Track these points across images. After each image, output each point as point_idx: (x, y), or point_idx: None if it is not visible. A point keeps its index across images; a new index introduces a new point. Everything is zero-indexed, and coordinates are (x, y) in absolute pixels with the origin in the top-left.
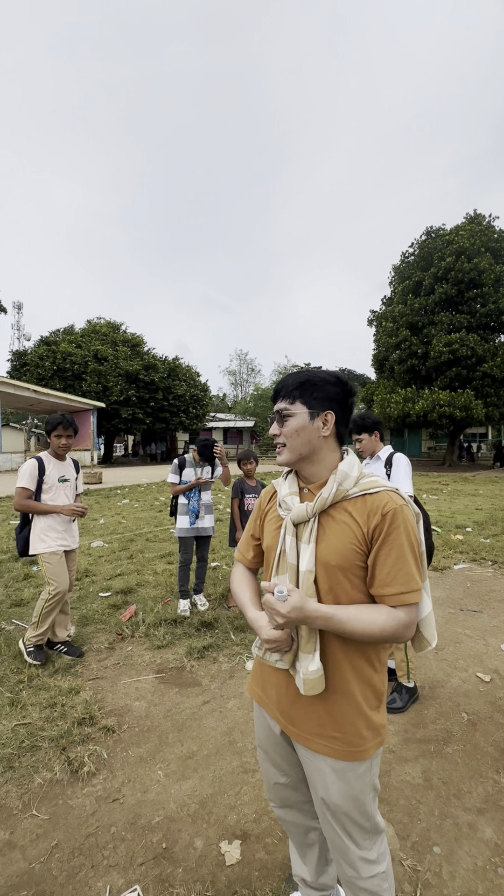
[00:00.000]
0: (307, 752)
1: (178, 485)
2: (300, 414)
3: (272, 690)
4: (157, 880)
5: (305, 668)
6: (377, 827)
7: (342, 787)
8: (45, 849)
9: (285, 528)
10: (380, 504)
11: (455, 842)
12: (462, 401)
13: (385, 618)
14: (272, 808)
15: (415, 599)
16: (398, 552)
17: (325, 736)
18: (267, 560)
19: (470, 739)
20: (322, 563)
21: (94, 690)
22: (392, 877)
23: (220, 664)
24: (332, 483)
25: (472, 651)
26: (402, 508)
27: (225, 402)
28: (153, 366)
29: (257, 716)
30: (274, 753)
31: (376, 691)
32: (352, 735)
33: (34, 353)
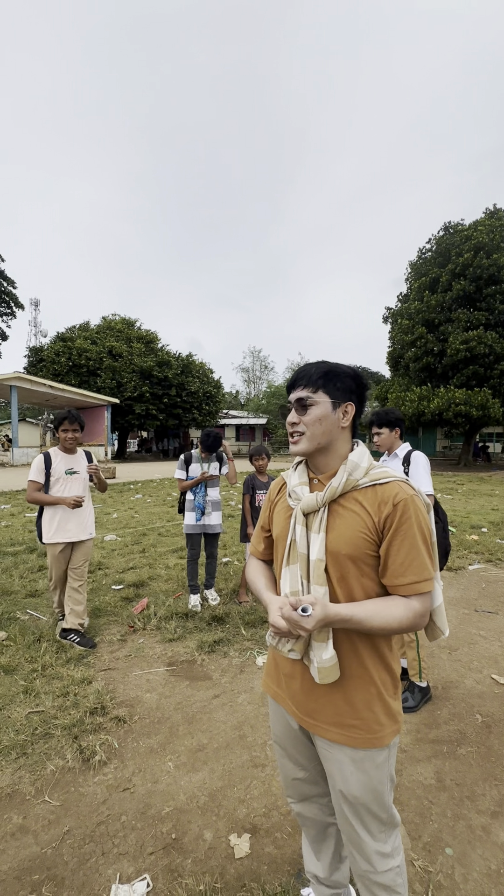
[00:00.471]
0: (325, 744)
1: (185, 480)
2: (323, 403)
3: (287, 684)
4: (167, 870)
5: (319, 656)
6: (393, 819)
7: (361, 778)
8: (56, 834)
9: (295, 517)
10: (391, 494)
11: (468, 844)
12: (479, 399)
13: (402, 610)
14: (290, 804)
15: (428, 588)
16: (411, 542)
17: (344, 725)
18: (277, 550)
19: (484, 742)
20: (332, 552)
21: (106, 681)
22: (405, 872)
23: (230, 659)
24: (342, 473)
25: (487, 652)
26: (413, 498)
27: (238, 399)
28: (167, 362)
29: (273, 712)
30: (292, 749)
31: (393, 675)
32: (370, 722)
33: (50, 349)
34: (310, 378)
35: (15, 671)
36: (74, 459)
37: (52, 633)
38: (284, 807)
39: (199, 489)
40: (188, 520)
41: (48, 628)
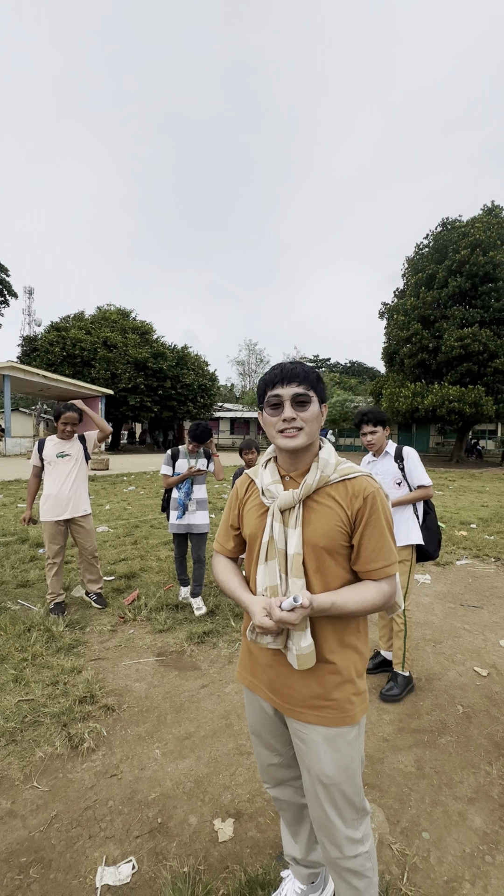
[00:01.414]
0: (300, 726)
1: (171, 477)
2: (315, 401)
3: (262, 673)
4: (152, 853)
5: (298, 644)
6: (364, 806)
7: (335, 756)
8: (44, 819)
9: (272, 515)
10: (360, 488)
11: (444, 829)
12: (472, 396)
13: (374, 593)
14: (266, 790)
15: (395, 571)
16: (380, 531)
17: (318, 706)
18: (250, 548)
19: (464, 731)
20: (309, 545)
21: (96, 670)
22: (375, 857)
23: (219, 650)
24: (315, 470)
25: (471, 646)
26: (379, 491)
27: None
28: (162, 354)
29: (248, 702)
30: (267, 735)
31: (361, 658)
32: (342, 702)
33: (44, 339)
34: (306, 376)
35: (5, 660)
36: (67, 443)
37: (43, 622)
38: (268, 793)
39: (184, 485)
40: (172, 518)
41: (39, 618)
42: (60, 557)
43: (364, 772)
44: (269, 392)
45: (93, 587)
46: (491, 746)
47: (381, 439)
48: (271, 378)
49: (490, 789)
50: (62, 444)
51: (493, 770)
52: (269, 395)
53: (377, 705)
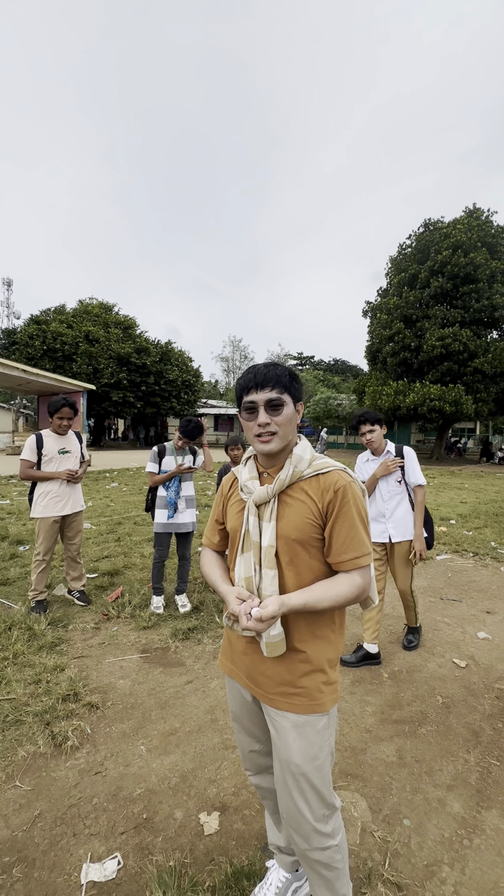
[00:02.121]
0: (273, 712)
1: (158, 474)
2: (289, 404)
3: (239, 660)
4: (138, 848)
5: (268, 633)
6: (333, 802)
7: (302, 744)
8: (27, 818)
9: (248, 509)
10: (331, 482)
11: (424, 815)
12: (452, 395)
13: (346, 586)
14: (248, 777)
15: (367, 562)
16: (350, 523)
17: (287, 693)
18: (232, 541)
19: (443, 721)
20: (283, 538)
21: (79, 668)
22: (345, 849)
23: (204, 645)
24: (288, 466)
25: (450, 638)
26: (351, 484)
27: (217, 388)
28: (145, 349)
29: (230, 688)
30: (248, 721)
31: (334, 650)
32: (312, 690)
33: (24, 332)
34: (279, 380)
35: None
36: (66, 440)
37: (24, 620)
38: (251, 783)
39: (172, 483)
40: (159, 518)
41: (20, 616)
42: (50, 555)
43: (347, 762)
44: (245, 398)
45: (76, 585)
46: (469, 735)
47: (379, 437)
48: (245, 383)
49: (468, 776)
50: (62, 440)
51: (471, 757)
52: (245, 401)
53: (360, 697)
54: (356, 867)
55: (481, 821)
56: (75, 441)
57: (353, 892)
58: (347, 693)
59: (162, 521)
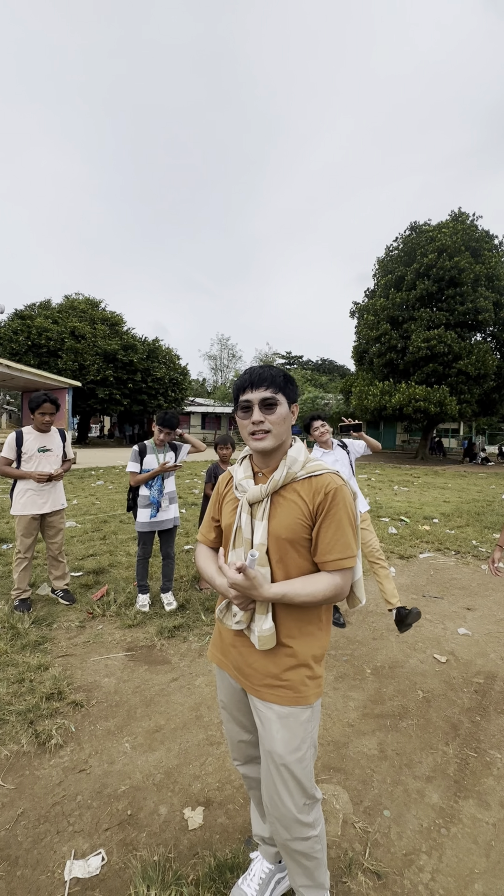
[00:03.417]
0: (259, 703)
1: (139, 474)
2: (283, 404)
3: (229, 652)
4: (122, 844)
5: (260, 626)
6: (315, 794)
7: (285, 736)
8: (10, 817)
9: (241, 507)
10: (323, 484)
11: (404, 806)
12: (437, 396)
13: (325, 584)
14: (236, 767)
15: (351, 564)
16: (337, 525)
17: (273, 685)
18: (225, 537)
19: (424, 715)
20: (273, 537)
21: (64, 667)
22: (324, 840)
23: (189, 643)
24: (282, 467)
25: (432, 634)
26: (342, 488)
27: (204, 386)
28: (132, 346)
29: (219, 679)
30: (236, 711)
31: (320, 645)
32: (296, 683)
33: (7, 327)
34: (273, 380)
35: None
36: (48, 438)
37: (8, 619)
38: (237, 780)
39: (155, 482)
40: (141, 517)
41: (3, 615)
42: (31, 552)
43: (330, 755)
44: (241, 397)
45: (59, 584)
46: (448, 728)
47: (327, 433)
48: (242, 383)
49: (447, 768)
50: (43, 438)
51: (450, 750)
52: (241, 400)
53: (343, 693)
54: (337, 857)
55: (458, 810)
56: (57, 439)
57: (334, 881)
58: (331, 689)
59: (145, 519)
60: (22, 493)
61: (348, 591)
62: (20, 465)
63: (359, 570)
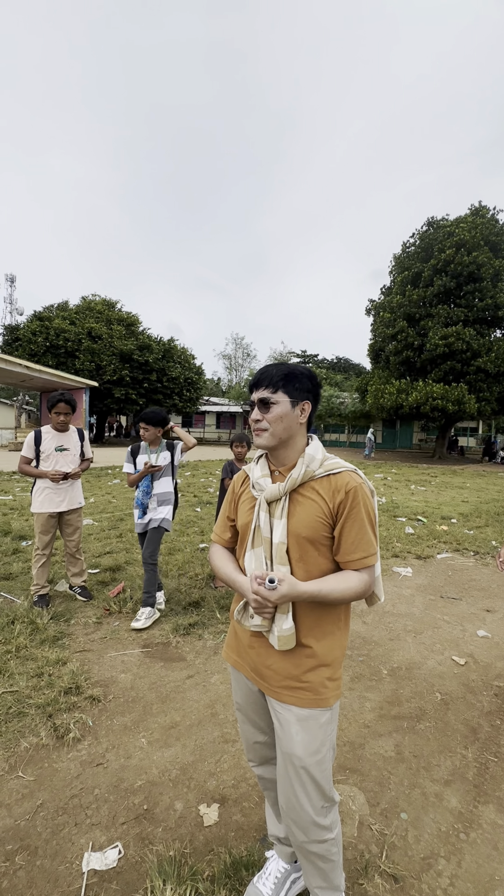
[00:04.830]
0: (277, 705)
1: (133, 474)
2: (283, 402)
3: (246, 653)
4: (138, 838)
5: (280, 626)
6: (333, 796)
7: (305, 738)
8: (30, 807)
9: (259, 506)
10: (343, 483)
11: (422, 809)
12: (455, 394)
13: (355, 582)
14: (252, 768)
15: (373, 562)
16: (360, 524)
17: (292, 687)
18: (242, 537)
19: (442, 717)
20: (293, 536)
21: (81, 662)
22: (341, 842)
23: (205, 641)
24: (300, 465)
25: (450, 636)
26: (361, 486)
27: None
28: (148, 346)
29: (234, 679)
30: (252, 713)
31: (340, 646)
32: (316, 684)
33: (27, 329)
34: (271, 379)
35: None
36: (66, 437)
37: (27, 614)
38: (252, 778)
39: (143, 483)
40: (135, 517)
41: (22, 610)
42: (49, 549)
43: (346, 756)
44: (251, 397)
45: (76, 580)
46: (467, 731)
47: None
48: (250, 383)
49: (465, 771)
50: (60, 437)
51: (469, 753)
52: (250, 399)
53: (359, 693)
54: (353, 859)
55: (478, 815)
56: (75, 438)
57: (351, 884)
58: (347, 689)
59: (136, 520)
60: (40, 491)
61: (373, 587)
62: (39, 463)
63: (377, 567)
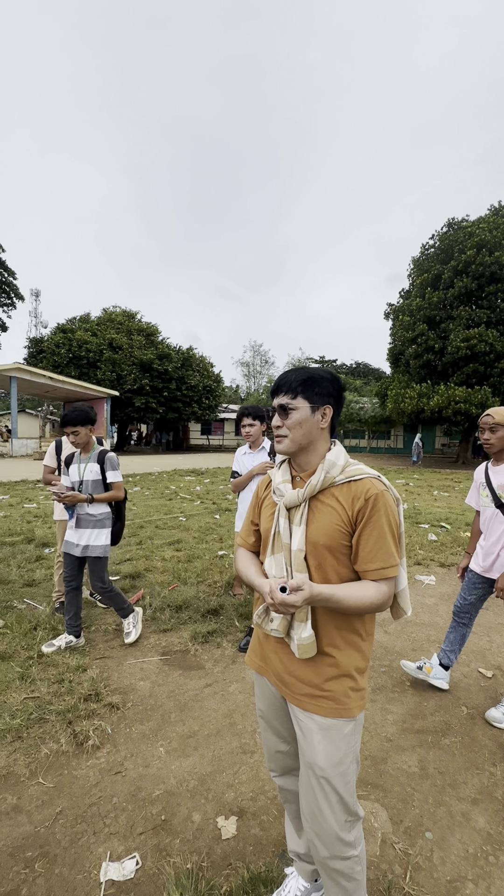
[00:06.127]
0: (300, 713)
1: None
2: (303, 408)
3: (270, 659)
4: (156, 849)
5: (299, 634)
6: (357, 811)
7: (327, 748)
8: (49, 814)
9: (279, 511)
10: (363, 490)
11: (447, 829)
12: (479, 397)
13: (373, 592)
14: (272, 778)
15: (394, 574)
16: (379, 532)
17: (315, 696)
18: (264, 542)
19: (468, 732)
20: (311, 543)
21: (101, 669)
22: (364, 861)
23: (223, 649)
24: (320, 471)
25: (476, 647)
26: (384, 493)
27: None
28: (167, 355)
29: (258, 685)
30: (275, 720)
31: (363, 655)
32: (339, 695)
33: (50, 341)
34: (290, 385)
35: (11, 658)
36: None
37: (49, 621)
38: (271, 791)
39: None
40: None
41: (44, 616)
42: None
43: (367, 771)
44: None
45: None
46: (495, 748)
47: (257, 432)
48: (271, 389)
49: (494, 790)
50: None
51: (498, 771)
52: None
53: (381, 706)
54: (376, 879)
55: None
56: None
57: None
58: (368, 701)
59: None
60: None
61: (392, 600)
62: (61, 472)
63: (403, 579)
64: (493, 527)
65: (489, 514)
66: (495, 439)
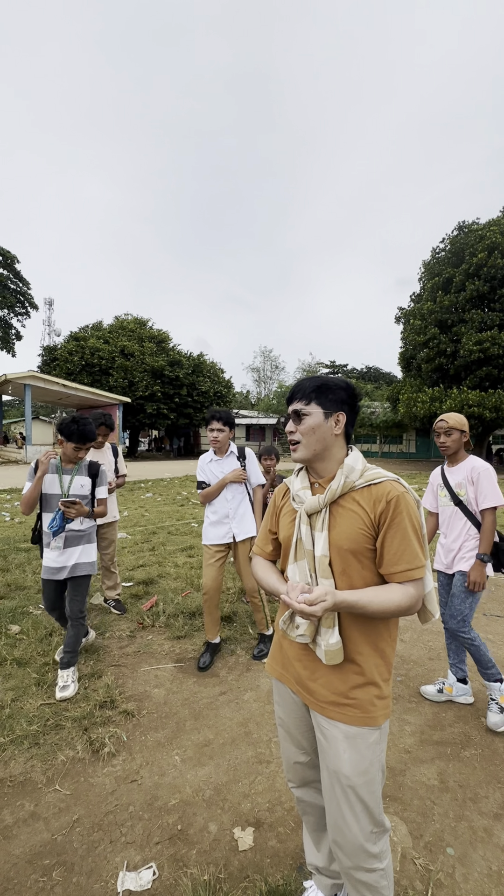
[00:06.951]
0: (324, 721)
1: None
2: (316, 414)
3: (291, 666)
4: (172, 859)
5: (326, 640)
6: (383, 822)
7: (353, 756)
8: (66, 822)
9: (300, 518)
10: (384, 492)
11: (469, 845)
12: (493, 401)
13: (399, 595)
14: (291, 789)
15: (420, 575)
16: (403, 534)
17: (340, 703)
18: (284, 550)
19: (489, 745)
20: (335, 548)
21: (116, 676)
22: (391, 875)
23: (237, 657)
24: (339, 476)
25: (494, 656)
26: (404, 495)
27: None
28: (178, 362)
29: (278, 693)
30: (295, 729)
31: (387, 662)
32: (364, 702)
33: (63, 349)
34: (304, 392)
35: (28, 664)
36: (100, 454)
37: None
38: (288, 802)
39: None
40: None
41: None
42: None
43: (386, 783)
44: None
45: (111, 593)
46: None
47: (225, 439)
48: (286, 397)
49: None
50: (95, 454)
51: None
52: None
53: (398, 716)
54: (396, 895)
55: None
56: (109, 455)
57: None
58: None
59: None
60: None
61: (421, 603)
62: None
63: (429, 582)
64: (453, 524)
65: (448, 512)
66: (450, 442)
